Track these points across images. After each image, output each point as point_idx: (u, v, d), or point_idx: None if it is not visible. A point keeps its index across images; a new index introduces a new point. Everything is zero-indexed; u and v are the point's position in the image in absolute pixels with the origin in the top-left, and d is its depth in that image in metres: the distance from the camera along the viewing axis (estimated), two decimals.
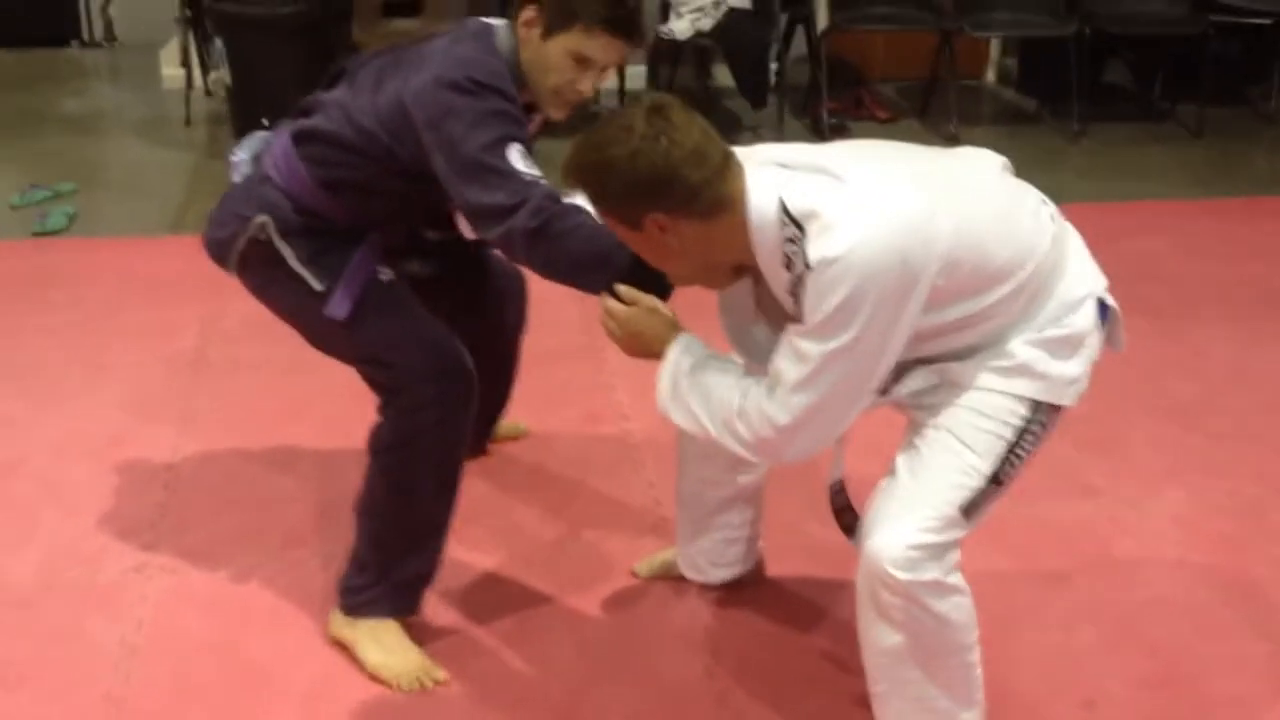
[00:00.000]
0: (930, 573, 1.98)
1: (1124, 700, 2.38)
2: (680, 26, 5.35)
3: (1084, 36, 5.62)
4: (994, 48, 6.64)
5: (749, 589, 2.62)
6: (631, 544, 2.78)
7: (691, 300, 2.18)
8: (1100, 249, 2.16)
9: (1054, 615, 2.61)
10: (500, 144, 2.15)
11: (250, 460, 3.07)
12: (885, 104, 6.13)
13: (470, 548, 2.75)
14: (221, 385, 3.42)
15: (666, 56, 5.84)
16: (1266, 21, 5.88)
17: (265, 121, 2.46)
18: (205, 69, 5.88)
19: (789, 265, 1.87)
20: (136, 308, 3.83)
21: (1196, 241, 4.57)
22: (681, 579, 2.64)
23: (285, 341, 3.56)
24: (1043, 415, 2.02)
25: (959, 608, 2.04)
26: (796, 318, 1.89)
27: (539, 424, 3.24)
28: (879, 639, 2.07)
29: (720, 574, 2.57)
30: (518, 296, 2.85)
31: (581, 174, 1.93)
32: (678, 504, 2.52)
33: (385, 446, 2.38)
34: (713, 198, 1.88)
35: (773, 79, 5.63)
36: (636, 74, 5.89)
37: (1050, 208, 2.07)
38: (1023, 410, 2.00)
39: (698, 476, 2.44)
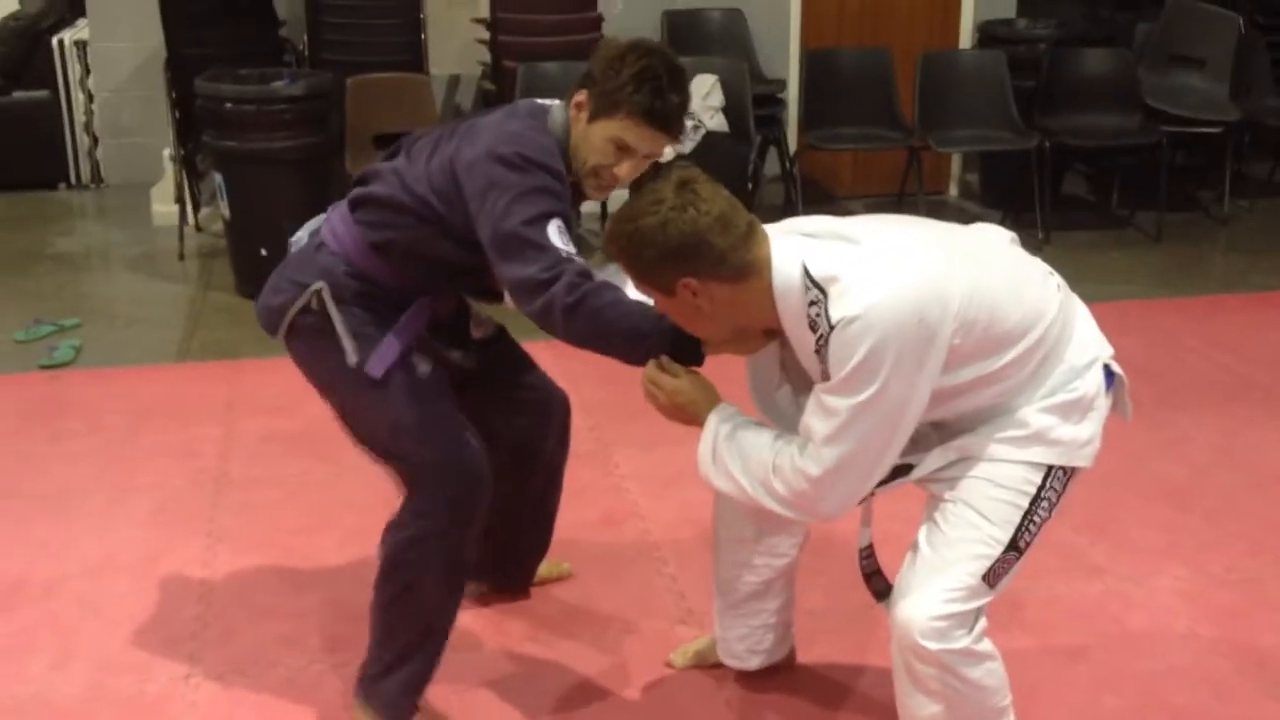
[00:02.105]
0: (960, 641, 2.08)
1: None
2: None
3: (1044, 150, 5.90)
4: (955, 164, 6.91)
5: (784, 674, 2.71)
6: (663, 636, 2.87)
7: (723, 371, 2.30)
8: None
9: (1077, 687, 2.72)
10: (541, 220, 2.23)
11: (281, 571, 3.14)
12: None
13: (506, 645, 2.83)
14: (246, 501, 3.49)
15: (648, 178, 6.05)
16: (1215, 130, 6.18)
17: (264, 251, 2.56)
18: (196, 205, 6.02)
19: (813, 327, 2.00)
20: (154, 431, 3.90)
21: (1168, 337, 4.78)
22: (716, 667, 2.72)
23: (303, 458, 3.70)
24: (1057, 481, 2.13)
25: (991, 673, 2.14)
26: (822, 378, 2.02)
27: (558, 528, 3.33)
28: (916, 710, 2.17)
29: (757, 660, 2.65)
30: (559, 414, 2.82)
31: (617, 244, 2.09)
32: (716, 591, 2.62)
33: (395, 541, 2.46)
34: (739, 262, 2.03)
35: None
36: (619, 196, 6.09)
37: (1057, 278, 2.21)
38: (1036, 478, 2.11)
39: (733, 561, 2.54)
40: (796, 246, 2.05)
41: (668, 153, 5.57)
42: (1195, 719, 2.61)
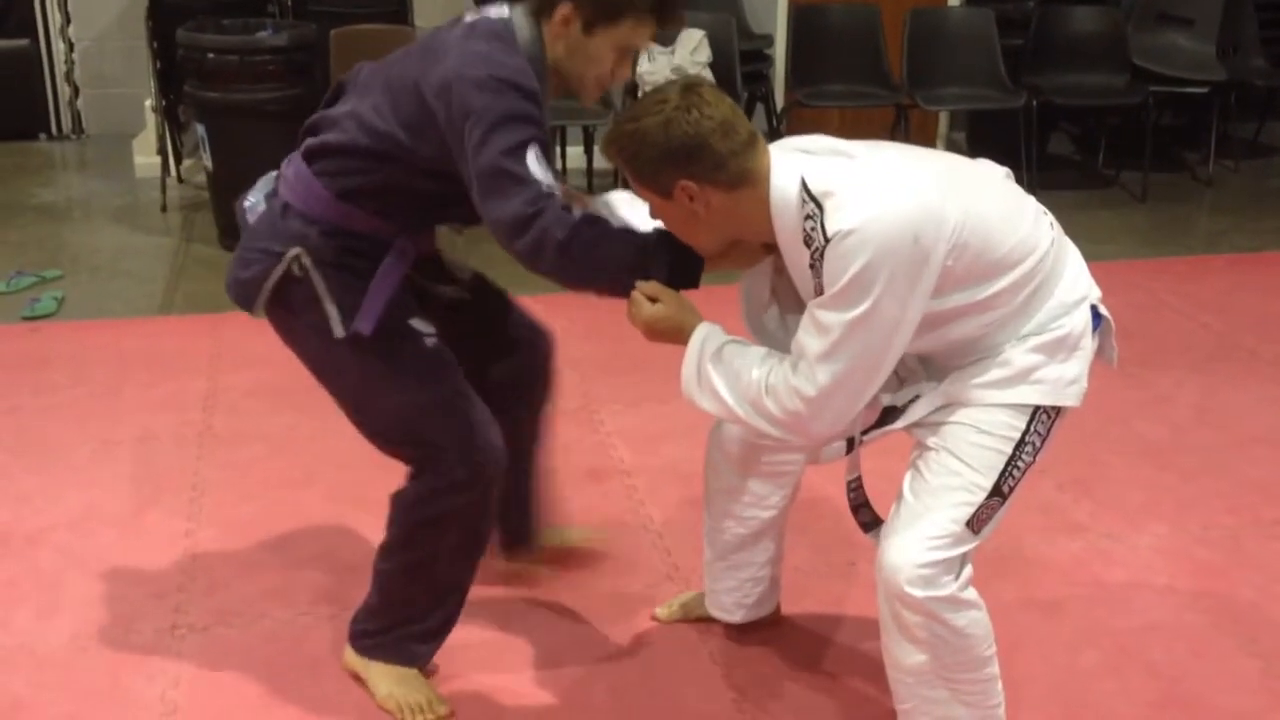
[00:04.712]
0: (946, 588, 2.10)
1: (1135, 719, 2.51)
2: None
3: (1031, 108, 5.89)
4: (942, 122, 6.90)
5: (768, 627, 2.73)
6: (649, 590, 2.88)
7: (713, 297, 2.30)
8: None
9: (1057, 641, 2.74)
10: (519, 149, 2.12)
11: (267, 526, 3.14)
12: None
13: (490, 600, 2.83)
14: (230, 456, 3.49)
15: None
16: (1201, 91, 6.19)
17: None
18: (179, 157, 5.98)
19: (808, 241, 2.01)
20: (138, 385, 3.89)
21: (1151, 297, 4.80)
22: (701, 621, 2.74)
23: (288, 412, 3.69)
24: (1041, 424, 2.13)
25: (976, 622, 2.16)
26: (816, 293, 2.02)
27: None
28: (902, 658, 2.19)
29: (744, 614, 2.67)
30: (546, 351, 2.70)
31: (618, 144, 2.08)
32: (705, 542, 2.63)
33: (409, 521, 2.39)
34: (738, 169, 2.04)
35: None
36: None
37: (1050, 216, 2.21)
38: (1021, 422, 2.11)
39: (722, 512, 2.56)
40: (796, 160, 2.06)
41: None
42: (1172, 673, 2.64)
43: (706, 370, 2.15)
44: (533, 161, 2.13)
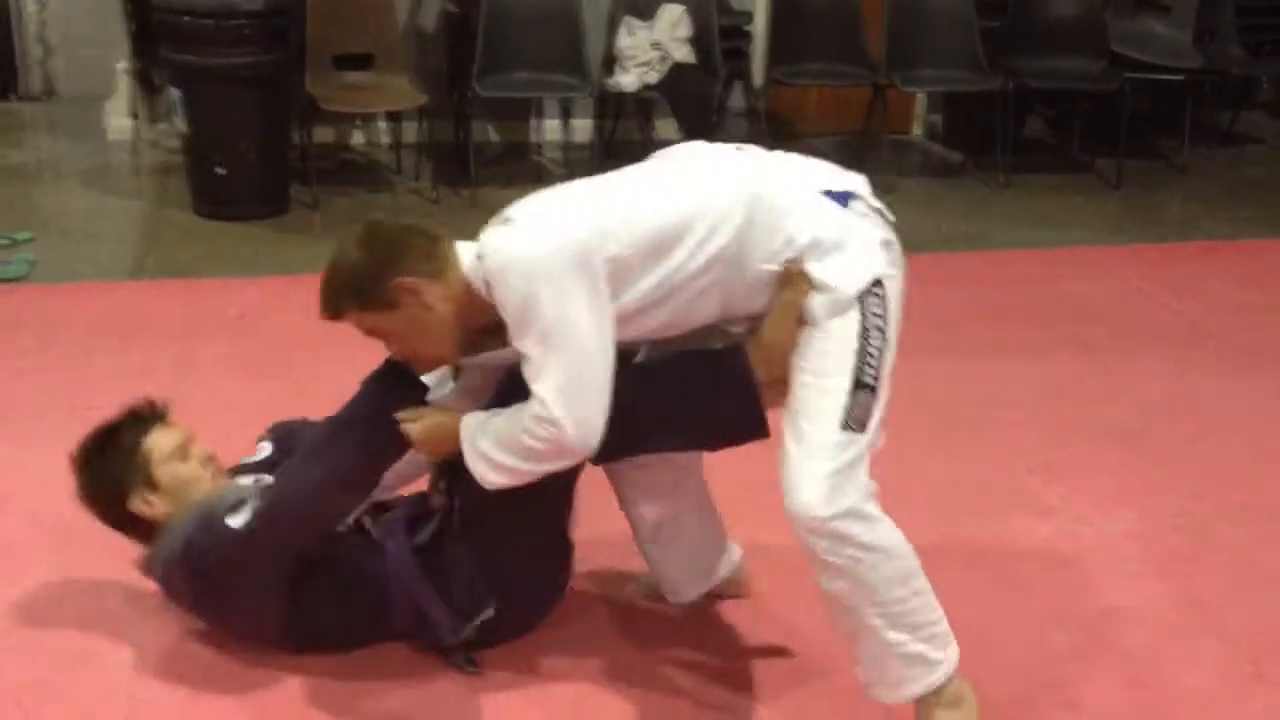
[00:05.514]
0: (848, 498, 2.13)
1: (1103, 700, 2.54)
2: (627, 80, 5.52)
3: (1008, 92, 5.90)
4: (920, 104, 6.90)
5: (736, 607, 2.74)
6: (620, 567, 2.88)
7: None
8: (1034, 290, 2.32)
9: (1026, 624, 2.77)
10: (235, 511, 2.46)
11: None
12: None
13: None
14: (200, 424, 3.43)
15: (611, 109, 6.01)
16: (1178, 78, 6.21)
17: (221, 170, 2.51)
18: (151, 120, 5.92)
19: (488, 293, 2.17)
20: (108, 350, 3.86)
21: (1123, 283, 4.82)
22: (665, 600, 2.75)
23: (261, 380, 3.67)
24: (873, 304, 2.19)
25: (886, 536, 2.18)
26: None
27: None
28: (829, 590, 2.22)
29: (699, 587, 2.68)
30: None
31: (334, 297, 2.26)
32: (634, 533, 2.64)
33: None
34: (442, 255, 2.26)
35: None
36: (584, 126, 6.04)
37: (747, 151, 2.33)
38: (853, 316, 2.18)
39: (634, 502, 2.59)
40: (475, 241, 2.25)
41: (633, 83, 5.54)
42: (1140, 656, 2.67)
43: (480, 447, 2.25)
44: (242, 517, 2.42)
